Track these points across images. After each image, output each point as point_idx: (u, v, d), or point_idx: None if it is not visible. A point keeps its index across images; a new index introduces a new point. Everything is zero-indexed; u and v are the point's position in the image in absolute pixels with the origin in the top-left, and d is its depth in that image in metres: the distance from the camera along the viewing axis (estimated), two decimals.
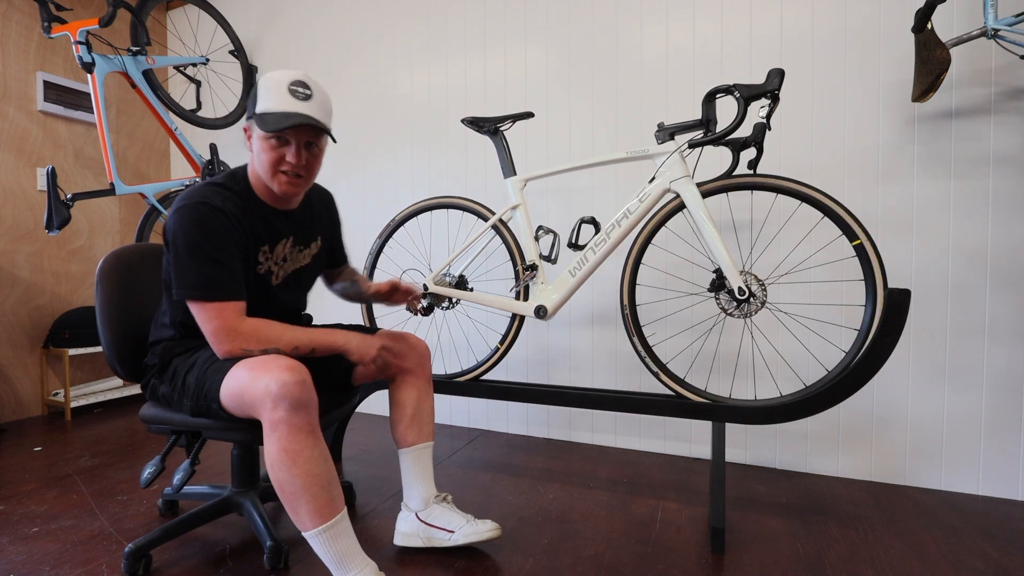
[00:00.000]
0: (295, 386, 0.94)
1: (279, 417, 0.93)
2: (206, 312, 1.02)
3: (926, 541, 1.31)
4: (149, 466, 1.22)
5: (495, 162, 2.21)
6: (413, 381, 1.29)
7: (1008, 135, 1.53)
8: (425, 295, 1.72)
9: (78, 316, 2.54)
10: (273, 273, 1.17)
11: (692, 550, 1.27)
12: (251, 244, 1.11)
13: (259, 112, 1.04)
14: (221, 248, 1.04)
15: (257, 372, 0.96)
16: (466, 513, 1.26)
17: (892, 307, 1.16)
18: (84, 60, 2.04)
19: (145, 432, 2.22)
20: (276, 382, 0.93)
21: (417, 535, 1.24)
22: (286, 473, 0.94)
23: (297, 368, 0.96)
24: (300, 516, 0.96)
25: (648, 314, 1.93)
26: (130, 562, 1.16)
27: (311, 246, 1.27)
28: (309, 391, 0.96)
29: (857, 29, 1.67)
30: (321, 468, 0.96)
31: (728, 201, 1.81)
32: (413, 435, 1.26)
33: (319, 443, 0.97)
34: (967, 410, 1.58)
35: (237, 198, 1.10)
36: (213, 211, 1.04)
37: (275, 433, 0.94)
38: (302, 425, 0.94)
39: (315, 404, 0.98)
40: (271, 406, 0.93)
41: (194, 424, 1.11)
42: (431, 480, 1.27)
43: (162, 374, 1.14)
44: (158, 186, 2.32)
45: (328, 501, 0.96)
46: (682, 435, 1.93)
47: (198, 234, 1.02)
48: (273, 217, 1.16)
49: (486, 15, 2.23)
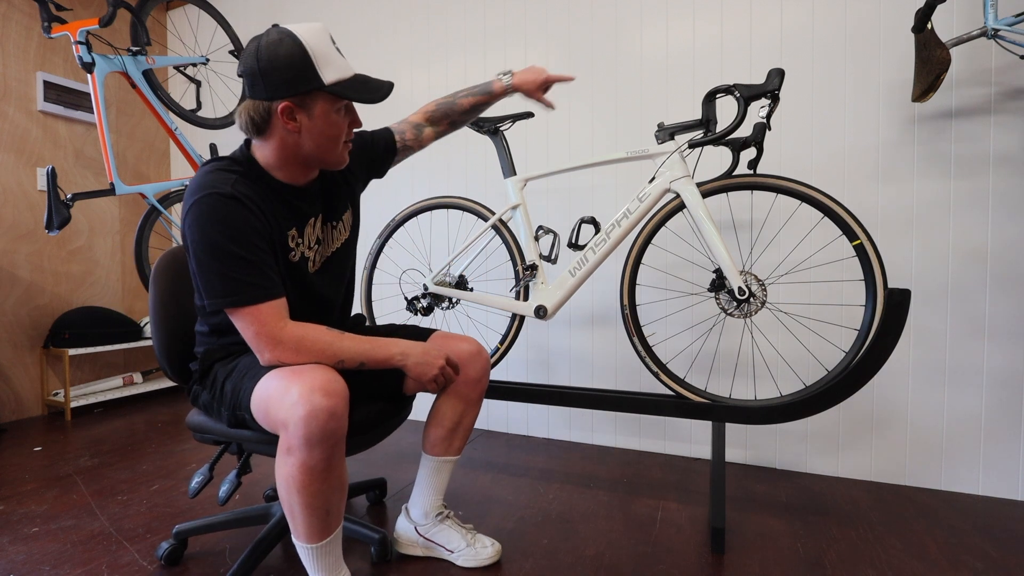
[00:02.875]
0: (324, 416, 0.83)
1: (295, 445, 0.85)
2: (243, 319, 0.91)
3: (926, 541, 1.31)
4: (197, 475, 1.15)
5: (495, 162, 2.21)
6: (467, 392, 1.17)
7: (1008, 135, 1.53)
8: (425, 295, 1.72)
9: (78, 316, 2.54)
10: (309, 259, 1.05)
11: (692, 550, 1.27)
12: (276, 229, 0.97)
13: (331, 83, 0.92)
14: (242, 241, 0.90)
15: (288, 383, 0.86)
16: (466, 524, 1.24)
17: (892, 307, 1.16)
18: (84, 60, 2.04)
19: (145, 432, 2.22)
20: (305, 405, 0.83)
21: (416, 545, 1.23)
22: (289, 497, 0.89)
23: (332, 390, 0.85)
24: (294, 527, 0.93)
25: (648, 314, 1.93)
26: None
27: (343, 219, 1.13)
28: (339, 420, 0.86)
29: (857, 29, 1.67)
30: (323, 500, 0.90)
31: (728, 201, 1.81)
32: (442, 447, 1.20)
33: (330, 476, 0.89)
34: (967, 410, 1.58)
35: (247, 179, 0.96)
36: (224, 200, 0.90)
37: (289, 458, 0.86)
38: (317, 462, 0.86)
39: (341, 435, 0.88)
40: (291, 430, 0.84)
41: (233, 436, 1.04)
42: (440, 494, 1.23)
43: (204, 380, 1.05)
44: (158, 186, 2.32)
45: (322, 528, 0.92)
46: (682, 435, 1.93)
47: (214, 231, 0.89)
48: (293, 197, 1.01)
49: (486, 15, 2.23)
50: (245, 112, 0.95)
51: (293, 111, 0.93)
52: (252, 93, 0.94)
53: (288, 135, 0.95)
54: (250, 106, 0.94)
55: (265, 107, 0.93)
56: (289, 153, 0.98)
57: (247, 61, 0.92)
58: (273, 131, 0.95)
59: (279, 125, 0.94)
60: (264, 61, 0.90)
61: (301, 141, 0.96)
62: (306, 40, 0.91)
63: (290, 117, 0.93)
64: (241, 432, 1.01)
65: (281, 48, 0.90)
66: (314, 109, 0.94)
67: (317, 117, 0.94)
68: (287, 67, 0.90)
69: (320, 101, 0.93)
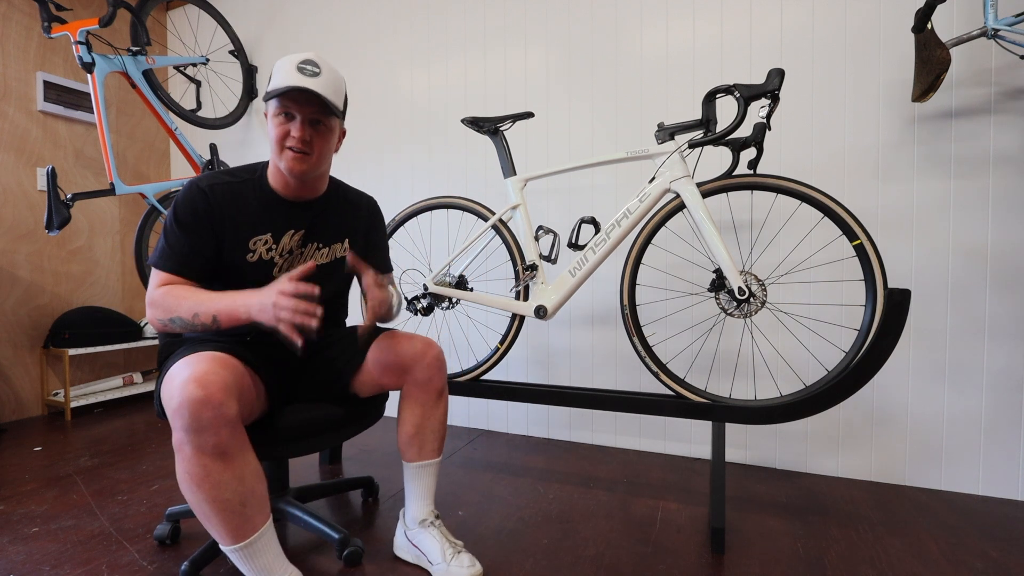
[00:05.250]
0: (196, 404, 0.84)
1: (180, 438, 0.86)
2: (151, 279, 1.05)
3: (926, 541, 1.31)
4: None
5: (495, 162, 2.21)
6: (417, 395, 1.18)
7: (1008, 135, 1.53)
8: (425, 295, 1.72)
9: (78, 316, 2.54)
10: (275, 264, 1.14)
11: (692, 550, 1.27)
12: (236, 230, 1.09)
13: (268, 90, 1.05)
14: (184, 226, 1.05)
15: (174, 372, 0.89)
16: (456, 541, 1.17)
17: (892, 307, 1.16)
18: (84, 60, 2.04)
19: (145, 432, 2.22)
20: (178, 395, 0.84)
21: (407, 550, 1.22)
22: (192, 496, 0.88)
23: (206, 379, 0.86)
24: (214, 531, 0.91)
25: (648, 314, 1.93)
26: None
27: (333, 246, 1.21)
28: (215, 409, 0.85)
29: (857, 29, 1.67)
30: (231, 492, 0.88)
31: (728, 201, 1.81)
32: (412, 452, 1.20)
33: (231, 465, 0.88)
34: (967, 410, 1.58)
35: (240, 185, 1.11)
36: (195, 191, 1.07)
37: (179, 454, 0.87)
38: (206, 448, 0.86)
39: (225, 422, 0.87)
40: (173, 423, 0.86)
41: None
42: (426, 500, 1.21)
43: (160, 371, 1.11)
44: (158, 186, 2.32)
45: (241, 523, 0.90)
46: (682, 435, 1.93)
47: (174, 210, 1.06)
48: (282, 208, 1.14)
49: (486, 15, 2.23)
50: None
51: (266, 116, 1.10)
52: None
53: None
54: None
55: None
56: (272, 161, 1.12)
57: None
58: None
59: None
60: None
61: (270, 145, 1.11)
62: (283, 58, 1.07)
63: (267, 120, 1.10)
64: None
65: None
66: (269, 113, 1.08)
67: (268, 122, 1.09)
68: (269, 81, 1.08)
69: (270, 106, 1.07)
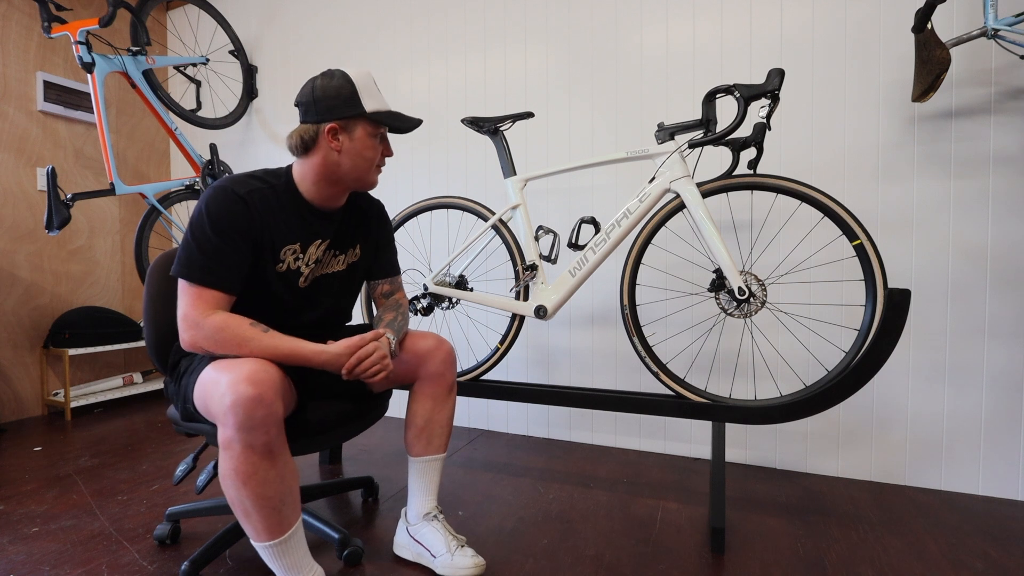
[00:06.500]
0: (250, 403, 0.86)
1: (231, 435, 0.87)
2: (182, 293, 0.99)
3: (926, 541, 1.31)
4: (182, 464, 1.22)
5: (495, 162, 2.22)
6: (429, 390, 1.21)
7: (1008, 135, 1.53)
8: (425, 295, 1.72)
9: (78, 316, 2.54)
10: (302, 275, 1.13)
11: (692, 550, 1.27)
12: (272, 240, 1.06)
13: (371, 112, 1.08)
14: (224, 234, 0.99)
15: (219, 376, 0.90)
16: (458, 537, 1.18)
17: (892, 307, 1.16)
18: (84, 60, 2.05)
19: (145, 432, 2.22)
20: (231, 395, 0.86)
21: (408, 548, 1.22)
22: (236, 493, 0.90)
23: (259, 379, 0.88)
24: (248, 529, 0.94)
25: (648, 314, 1.93)
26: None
27: (348, 252, 1.22)
28: (268, 408, 0.88)
29: (857, 29, 1.67)
30: (274, 490, 0.91)
31: (728, 201, 1.81)
32: (420, 446, 1.22)
33: (276, 463, 0.91)
34: (967, 410, 1.58)
35: (272, 191, 1.07)
36: (232, 197, 1.01)
37: (228, 451, 0.89)
38: (256, 446, 0.88)
39: (275, 421, 0.90)
40: (223, 420, 0.88)
41: (193, 428, 1.08)
42: (431, 495, 1.22)
43: (172, 373, 1.11)
44: (158, 186, 2.32)
45: (278, 520, 0.93)
46: (682, 435, 1.93)
47: (208, 217, 0.99)
48: (313, 217, 1.13)
49: (486, 15, 2.23)
50: (296, 134, 1.09)
51: (338, 132, 1.08)
52: (305, 118, 1.09)
53: (330, 154, 1.09)
54: (301, 129, 1.09)
55: (315, 129, 1.08)
56: (328, 171, 1.10)
57: (304, 93, 1.09)
58: (318, 150, 1.09)
59: (324, 144, 1.08)
60: (319, 91, 1.07)
61: (341, 160, 1.09)
62: (354, 76, 1.08)
63: (334, 137, 1.08)
64: (199, 425, 1.06)
65: (333, 81, 1.08)
66: (355, 132, 1.09)
67: (357, 140, 1.09)
68: (336, 96, 1.07)
69: (361, 126, 1.09)
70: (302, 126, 1.09)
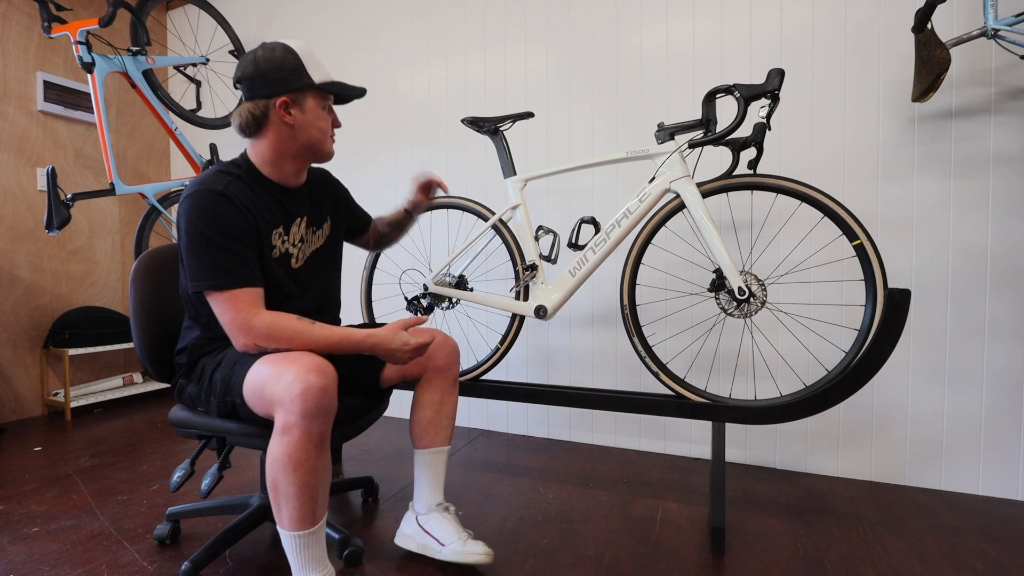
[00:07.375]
0: (318, 392, 0.89)
1: (293, 421, 0.89)
2: (220, 303, 0.99)
3: (926, 541, 1.31)
4: (179, 469, 1.19)
5: (495, 162, 2.21)
6: (438, 382, 1.26)
7: (1008, 135, 1.53)
8: (425, 295, 1.72)
9: (78, 316, 2.54)
10: (292, 256, 1.13)
11: (692, 550, 1.27)
12: (261, 227, 1.06)
13: (320, 83, 1.07)
14: (226, 234, 0.99)
15: (283, 367, 0.92)
16: (466, 529, 1.21)
17: (892, 307, 1.16)
18: (84, 60, 2.04)
19: (145, 432, 2.22)
20: (300, 383, 0.89)
21: (414, 538, 1.23)
22: (284, 477, 0.92)
23: (324, 371, 0.92)
24: (282, 516, 0.95)
25: (648, 314, 1.93)
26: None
27: (323, 227, 1.23)
28: (332, 399, 0.92)
29: (857, 29, 1.67)
30: (318, 479, 0.94)
31: (728, 201, 1.81)
32: (429, 437, 1.24)
33: (324, 453, 0.95)
34: (967, 410, 1.58)
35: (241, 181, 1.06)
36: (214, 196, 1.00)
37: (286, 436, 0.90)
38: (314, 435, 0.91)
39: (334, 413, 0.94)
40: (288, 407, 0.89)
41: (220, 429, 1.08)
42: (440, 486, 1.24)
43: (190, 373, 1.11)
44: (158, 186, 2.32)
45: (313, 511, 0.95)
46: (682, 435, 1.93)
47: (201, 222, 0.98)
48: (286, 198, 1.12)
49: (486, 15, 2.23)
50: (244, 112, 1.06)
51: (289, 106, 1.06)
52: (251, 94, 1.06)
53: (283, 129, 1.07)
54: (250, 106, 1.06)
55: (264, 104, 1.05)
56: (284, 147, 1.09)
57: (245, 68, 1.06)
58: (269, 127, 1.07)
59: (276, 120, 1.06)
60: (263, 63, 1.05)
61: (295, 134, 1.08)
62: (296, 47, 1.07)
63: (286, 111, 1.06)
64: (227, 424, 1.06)
65: (276, 53, 1.05)
66: (306, 104, 1.08)
67: (309, 111, 1.08)
68: (281, 68, 1.05)
69: (310, 97, 1.08)
70: (250, 103, 1.06)
